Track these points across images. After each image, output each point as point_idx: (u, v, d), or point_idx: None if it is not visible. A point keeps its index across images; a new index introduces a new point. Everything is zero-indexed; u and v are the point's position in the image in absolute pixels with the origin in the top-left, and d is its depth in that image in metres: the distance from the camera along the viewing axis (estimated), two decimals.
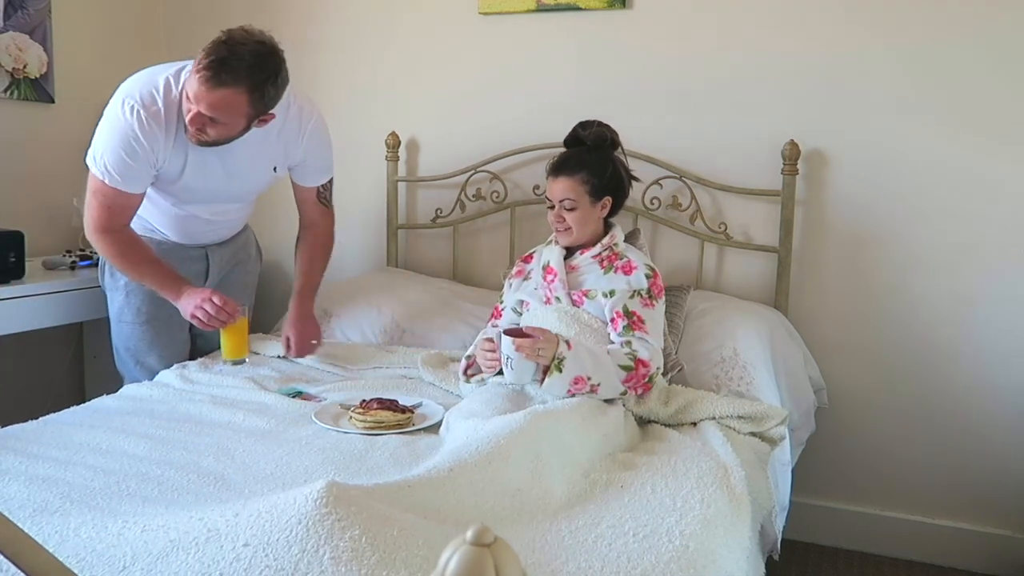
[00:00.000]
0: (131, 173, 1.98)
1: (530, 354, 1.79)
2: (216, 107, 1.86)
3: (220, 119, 1.89)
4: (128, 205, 2.05)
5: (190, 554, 1.14)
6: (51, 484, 1.46)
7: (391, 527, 1.16)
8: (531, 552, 1.26)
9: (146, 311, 2.25)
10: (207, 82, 1.83)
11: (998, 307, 2.36)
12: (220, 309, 2.02)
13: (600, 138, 2.06)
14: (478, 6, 2.77)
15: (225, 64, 1.82)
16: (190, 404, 1.92)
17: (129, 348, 2.31)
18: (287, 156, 2.19)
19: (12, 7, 2.70)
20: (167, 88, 1.97)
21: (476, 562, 0.61)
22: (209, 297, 2.03)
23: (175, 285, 2.08)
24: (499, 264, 2.79)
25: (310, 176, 2.29)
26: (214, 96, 1.85)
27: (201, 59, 1.84)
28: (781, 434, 1.90)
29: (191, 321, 2.07)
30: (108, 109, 2.00)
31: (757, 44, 2.50)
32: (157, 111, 1.95)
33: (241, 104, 1.88)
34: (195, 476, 1.53)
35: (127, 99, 1.95)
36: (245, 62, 1.84)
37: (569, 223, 2.02)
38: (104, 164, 1.97)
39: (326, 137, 2.27)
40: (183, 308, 2.06)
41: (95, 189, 2.01)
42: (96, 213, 2.03)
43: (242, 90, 1.86)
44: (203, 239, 2.33)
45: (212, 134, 1.93)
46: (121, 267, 2.10)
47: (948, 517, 2.48)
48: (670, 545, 1.29)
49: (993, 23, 2.29)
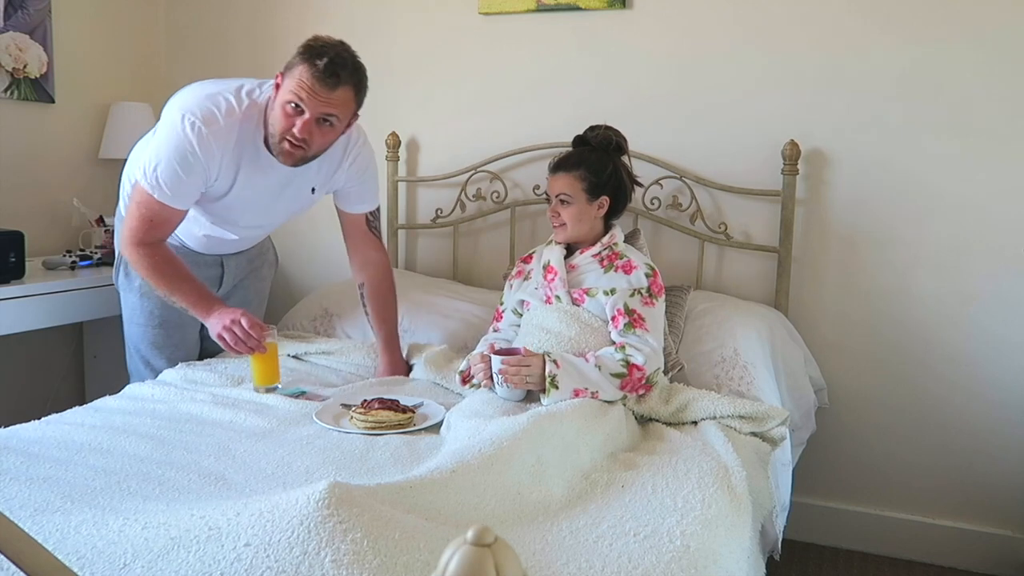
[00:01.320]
0: (182, 188, 1.97)
1: (517, 382, 1.85)
2: (336, 105, 1.90)
3: (337, 118, 1.92)
4: (171, 220, 2.02)
5: (191, 552, 1.14)
6: (52, 484, 1.46)
7: (393, 530, 1.16)
8: (532, 553, 1.26)
9: (159, 314, 2.24)
10: (326, 81, 1.86)
11: (998, 307, 2.36)
12: (248, 334, 1.95)
13: (605, 140, 2.08)
14: (478, 6, 2.77)
15: (336, 63, 1.86)
16: (192, 404, 1.92)
17: (139, 349, 2.31)
18: (328, 178, 2.16)
19: (12, 7, 2.70)
20: (229, 108, 1.96)
21: (477, 562, 0.61)
22: (239, 319, 1.96)
23: (206, 303, 2.03)
24: (499, 264, 2.79)
25: (355, 202, 2.24)
26: (335, 95, 1.88)
27: (311, 65, 1.86)
28: (782, 434, 1.90)
29: (217, 341, 2.01)
30: (164, 123, 1.98)
31: (757, 44, 2.50)
32: (218, 128, 1.94)
33: (352, 102, 1.94)
34: (196, 476, 1.53)
35: (187, 114, 1.93)
36: (348, 60, 1.90)
37: (564, 219, 2.04)
38: (156, 177, 1.95)
39: (372, 162, 2.23)
40: (211, 327, 2.00)
41: (140, 201, 1.99)
42: (135, 224, 2.01)
43: (351, 87, 1.92)
44: (222, 250, 2.32)
45: (316, 143, 1.94)
46: (153, 281, 2.04)
47: (948, 517, 2.48)
48: (671, 545, 1.29)
49: (993, 24, 2.29)
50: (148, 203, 1.98)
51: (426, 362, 2.19)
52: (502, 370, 1.85)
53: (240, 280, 2.42)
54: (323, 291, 2.65)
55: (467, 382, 2.01)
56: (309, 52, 1.87)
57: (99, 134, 3.02)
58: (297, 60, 1.89)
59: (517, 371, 1.85)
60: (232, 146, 1.97)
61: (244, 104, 1.97)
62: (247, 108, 1.97)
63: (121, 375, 2.49)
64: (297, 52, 1.90)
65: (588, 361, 1.87)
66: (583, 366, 1.86)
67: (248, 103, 1.98)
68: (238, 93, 1.99)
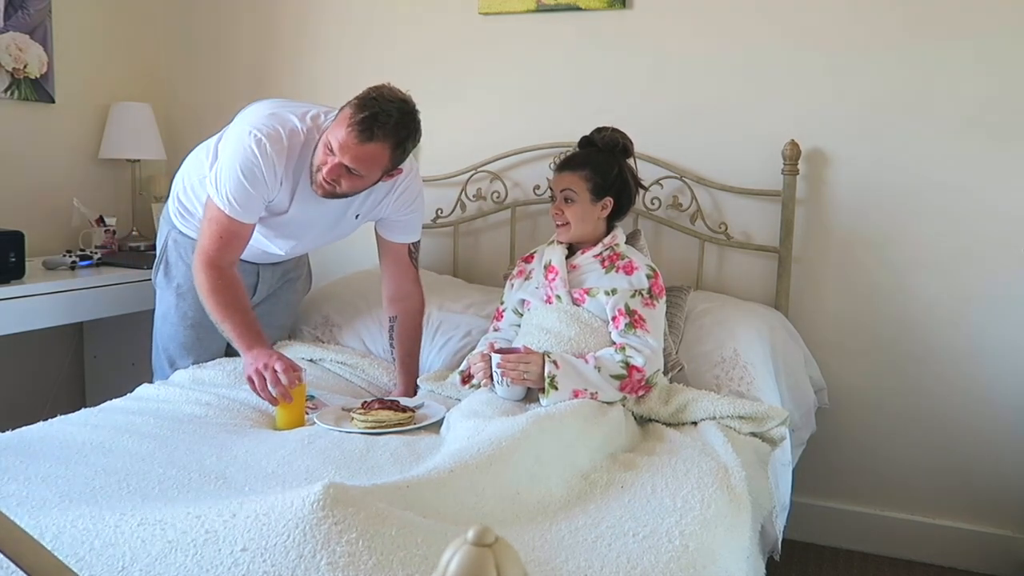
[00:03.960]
0: (250, 202, 1.98)
1: (516, 378, 1.84)
2: (362, 160, 1.90)
3: (361, 172, 1.92)
4: (240, 235, 2.03)
5: (188, 556, 1.14)
6: (51, 482, 1.46)
7: (389, 526, 1.16)
8: (531, 550, 1.26)
9: (192, 315, 2.23)
10: (358, 136, 1.86)
11: (998, 307, 2.36)
12: (277, 380, 1.86)
13: (612, 142, 2.09)
14: (478, 6, 2.77)
15: (376, 119, 1.86)
16: (195, 405, 1.92)
17: (167, 348, 2.31)
18: (373, 207, 2.16)
19: (12, 7, 2.70)
20: (293, 130, 1.98)
21: (477, 562, 0.61)
22: (272, 364, 1.88)
23: (249, 337, 1.98)
24: (500, 264, 2.79)
25: (399, 232, 2.23)
26: (363, 150, 1.88)
27: (353, 114, 1.87)
28: (782, 434, 1.90)
29: (246, 382, 1.95)
30: (231, 138, 2.00)
31: (757, 44, 2.50)
32: (280, 147, 1.96)
33: (383, 159, 1.93)
34: (197, 475, 1.53)
35: (253, 131, 1.95)
36: (393, 118, 1.89)
37: (568, 217, 2.04)
38: (226, 192, 1.96)
39: (420, 196, 2.22)
40: (245, 365, 1.96)
41: (212, 217, 2.01)
42: (207, 243, 2.01)
43: (387, 145, 1.91)
44: (262, 260, 2.31)
45: (345, 186, 1.95)
46: (210, 303, 2.02)
47: (948, 517, 2.48)
48: (670, 545, 1.29)
49: (993, 25, 2.29)
50: (219, 219, 1.99)
51: (426, 379, 2.19)
52: (500, 364, 1.85)
53: (273, 291, 2.41)
54: (321, 295, 2.63)
55: (467, 382, 2.01)
56: (360, 100, 1.89)
57: (99, 134, 3.02)
58: (349, 103, 1.90)
59: (515, 366, 1.85)
60: (292, 167, 1.99)
61: (308, 128, 2.00)
62: (309, 132, 1.99)
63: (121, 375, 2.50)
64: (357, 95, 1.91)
65: (588, 362, 1.87)
66: (583, 367, 1.86)
67: (311, 127, 2.00)
68: (303, 117, 2.01)
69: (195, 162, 2.19)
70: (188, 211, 2.21)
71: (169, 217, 2.29)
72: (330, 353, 2.32)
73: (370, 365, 2.30)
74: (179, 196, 2.23)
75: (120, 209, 3.15)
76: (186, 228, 2.24)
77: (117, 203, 3.15)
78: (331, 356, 2.31)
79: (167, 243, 2.28)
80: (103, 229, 2.93)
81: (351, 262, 2.89)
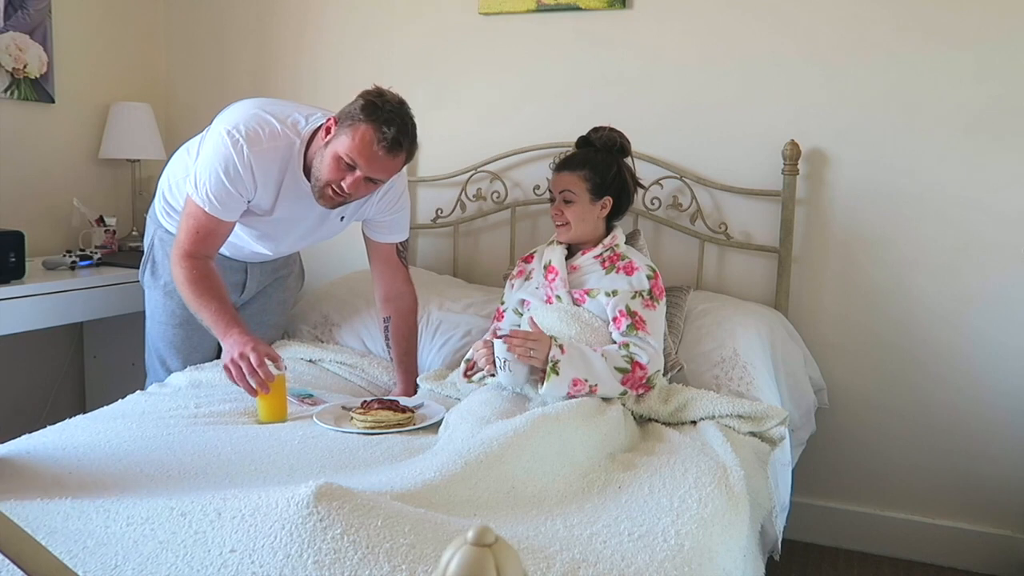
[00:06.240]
0: (229, 201, 1.98)
1: (522, 353, 1.82)
2: (390, 171, 1.94)
3: (383, 180, 1.96)
4: (218, 232, 2.03)
5: (179, 556, 1.16)
6: (43, 479, 1.46)
7: (374, 518, 1.18)
8: (524, 539, 1.27)
9: (179, 314, 2.23)
10: (388, 150, 1.88)
11: (998, 307, 2.36)
12: (253, 370, 1.84)
13: (609, 142, 2.09)
14: (478, 6, 2.77)
15: (404, 132, 1.89)
16: (195, 406, 1.92)
17: (158, 348, 2.31)
18: (357, 208, 2.16)
19: (12, 7, 2.70)
20: (273, 132, 1.97)
21: (477, 562, 0.61)
22: (248, 352, 1.86)
23: (224, 323, 1.97)
24: (500, 264, 2.79)
25: (386, 232, 2.23)
26: (393, 163, 1.92)
27: (376, 128, 1.86)
28: (781, 434, 1.90)
29: (224, 372, 1.93)
30: (211, 137, 2.00)
31: (757, 44, 2.50)
32: (260, 149, 1.95)
33: (403, 164, 1.98)
34: (196, 475, 1.53)
35: (232, 130, 1.95)
36: (409, 127, 1.92)
37: (567, 217, 2.04)
38: (205, 191, 1.97)
39: (405, 195, 2.23)
40: (224, 352, 1.96)
41: (190, 213, 2.02)
42: (183, 237, 2.02)
43: (408, 154, 1.95)
44: (250, 259, 2.32)
45: (362, 193, 1.97)
46: (186, 294, 2.02)
47: (948, 517, 2.48)
48: (665, 544, 1.29)
49: (992, 27, 2.29)
50: (196, 215, 2.00)
51: (426, 378, 2.19)
52: (507, 338, 1.84)
53: (264, 288, 2.41)
54: (320, 293, 2.63)
55: (469, 376, 2.01)
56: (375, 114, 1.86)
57: (99, 134, 3.02)
58: (360, 117, 1.87)
59: (523, 343, 1.83)
60: (274, 169, 1.99)
61: (288, 132, 1.99)
62: (290, 136, 1.99)
63: (121, 375, 2.50)
64: (360, 106, 1.88)
65: (596, 351, 1.87)
66: (589, 354, 1.86)
67: (291, 132, 1.99)
68: (284, 121, 2.00)
69: (179, 161, 2.19)
70: (174, 209, 2.20)
71: (155, 216, 2.29)
72: (330, 353, 2.32)
73: (370, 365, 2.30)
74: (165, 194, 2.23)
75: (120, 209, 3.15)
76: (172, 226, 2.22)
77: (117, 203, 3.16)
78: (331, 356, 2.31)
79: (153, 241, 2.29)
80: (103, 229, 2.93)
81: (349, 262, 2.89)
